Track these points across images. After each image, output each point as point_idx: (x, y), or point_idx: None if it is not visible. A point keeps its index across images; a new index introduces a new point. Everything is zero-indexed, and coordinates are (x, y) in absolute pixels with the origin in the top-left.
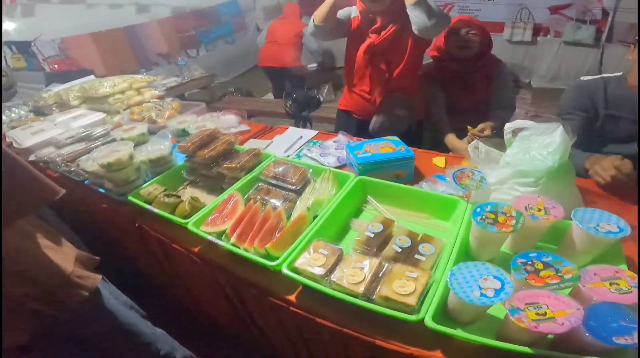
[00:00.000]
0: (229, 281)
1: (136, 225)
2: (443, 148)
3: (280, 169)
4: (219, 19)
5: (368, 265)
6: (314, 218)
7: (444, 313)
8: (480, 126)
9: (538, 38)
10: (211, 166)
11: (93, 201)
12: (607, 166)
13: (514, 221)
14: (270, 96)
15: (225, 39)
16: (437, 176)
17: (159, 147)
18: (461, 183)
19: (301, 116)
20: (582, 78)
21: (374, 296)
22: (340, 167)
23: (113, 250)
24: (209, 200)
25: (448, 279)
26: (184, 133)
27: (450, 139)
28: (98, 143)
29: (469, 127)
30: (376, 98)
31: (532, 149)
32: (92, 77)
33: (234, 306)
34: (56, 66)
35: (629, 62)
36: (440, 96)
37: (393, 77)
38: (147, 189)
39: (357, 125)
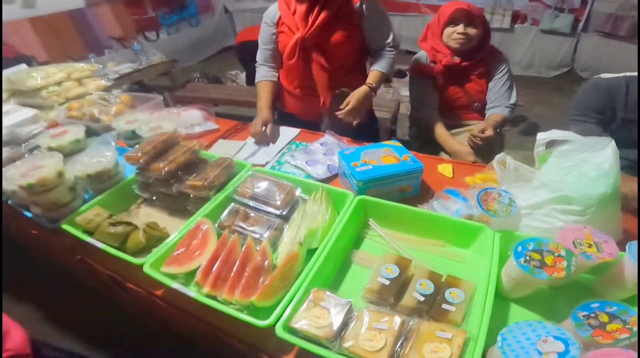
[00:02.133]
0: (209, 332)
1: (77, 257)
2: (433, 148)
3: (261, 187)
4: (182, 1)
5: (388, 325)
6: (307, 251)
7: None
8: (480, 126)
9: (515, 25)
10: (170, 183)
11: (20, 225)
12: None
13: (564, 263)
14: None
15: (190, 21)
16: (449, 192)
17: (99, 159)
18: (488, 208)
19: (276, 106)
20: (602, 76)
21: None
22: (331, 178)
23: (56, 285)
24: (171, 225)
25: (500, 347)
26: (134, 136)
27: (448, 142)
28: (23, 150)
29: (467, 128)
30: (324, 98)
31: (576, 169)
32: (23, 66)
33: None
34: None
35: (602, 52)
36: (432, 93)
37: (337, 71)
38: (86, 215)
39: (306, 128)
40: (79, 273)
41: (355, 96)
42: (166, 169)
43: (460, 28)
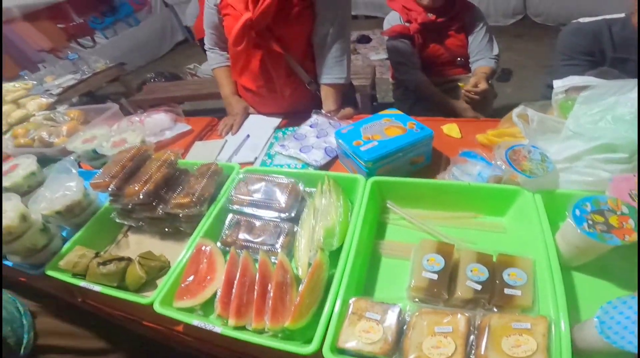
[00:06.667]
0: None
1: (79, 300)
2: (422, 108)
3: (258, 189)
4: (110, 2)
5: (452, 326)
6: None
7: None
8: (472, 80)
9: None
10: (154, 205)
11: (6, 271)
12: None
13: (631, 223)
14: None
15: (126, 21)
16: (465, 154)
17: (63, 192)
18: (522, 168)
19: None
20: (580, 20)
21: None
22: (331, 162)
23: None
24: (167, 250)
25: (600, 332)
26: (97, 156)
27: (445, 100)
28: None
29: (460, 84)
30: (282, 90)
31: (609, 114)
32: None
33: None
34: None
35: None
36: (413, 53)
37: (292, 56)
38: (70, 258)
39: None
40: (85, 310)
41: (481, 76)
42: (143, 191)
43: None
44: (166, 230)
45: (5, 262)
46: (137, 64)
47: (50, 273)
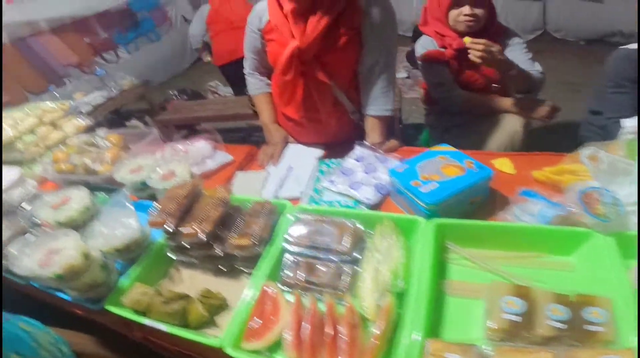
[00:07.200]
0: None
1: (136, 335)
2: (458, 134)
3: (318, 230)
4: (133, 16)
5: None
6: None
7: None
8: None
9: None
10: (211, 246)
11: (58, 302)
12: None
13: None
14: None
15: (148, 36)
16: (527, 194)
17: (123, 230)
18: (595, 211)
19: None
20: (628, 46)
21: None
22: (382, 200)
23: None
24: (222, 287)
25: None
26: (144, 187)
27: (499, 102)
28: (23, 223)
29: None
30: (327, 120)
31: None
32: None
33: None
34: None
35: (570, 12)
36: (450, 77)
37: (337, 85)
38: (132, 296)
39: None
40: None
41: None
42: (203, 231)
43: (466, 9)
44: (221, 268)
45: (59, 294)
46: (159, 79)
47: (111, 309)
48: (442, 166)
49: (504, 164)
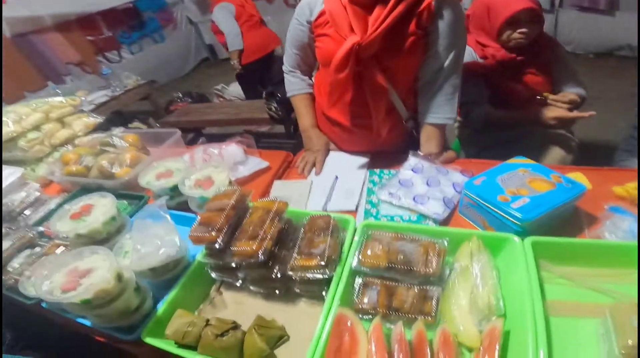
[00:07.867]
0: None
1: None
2: (495, 154)
3: (394, 250)
4: (139, 16)
5: None
6: None
7: None
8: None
9: None
10: (269, 266)
11: (78, 328)
12: None
13: None
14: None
15: (153, 37)
16: (614, 210)
17: (158, 246)
18: None
19: (291, 118)
20: None
21: None
22: (450, 214)
23: None
24: (276, 314)
25: None
26: (174, 193)
27: (541, 113)
28: (30, 234)
29: (545, 94)
30: (379, 127)
31: None
32: None
33: None
34: None
35: (582, 26)
36: (484, 91)
37: (395, 90)
38: (177, 327)
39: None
40: None
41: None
42: (260, 250)
43: (523, 22)
44: (277, 291)
45: (84, 321)
46: (162, 81)
47: (150, 341)
48: (528, 180)
49: (580, 179)
